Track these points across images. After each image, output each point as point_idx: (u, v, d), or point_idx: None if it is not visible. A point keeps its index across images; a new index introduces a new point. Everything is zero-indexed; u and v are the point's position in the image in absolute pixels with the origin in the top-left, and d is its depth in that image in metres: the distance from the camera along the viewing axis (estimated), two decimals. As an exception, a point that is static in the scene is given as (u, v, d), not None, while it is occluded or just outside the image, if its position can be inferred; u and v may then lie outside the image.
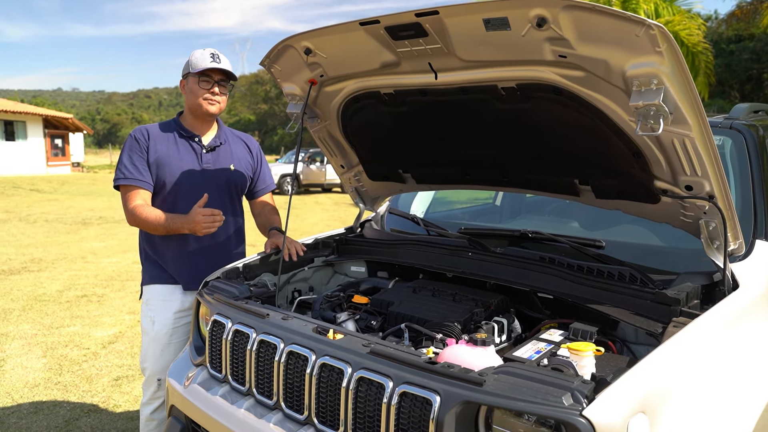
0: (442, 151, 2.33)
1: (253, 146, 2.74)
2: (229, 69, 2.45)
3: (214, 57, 2.43)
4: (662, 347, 1.40)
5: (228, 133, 2.66)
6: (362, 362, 1.51)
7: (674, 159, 1.69)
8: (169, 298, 2.47)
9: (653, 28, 1.38)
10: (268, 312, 1.84)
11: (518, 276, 2.05)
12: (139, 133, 2.47)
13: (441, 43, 1.77)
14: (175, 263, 2.47)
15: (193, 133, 2.52)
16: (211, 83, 2.44)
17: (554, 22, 1.50)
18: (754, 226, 2.01)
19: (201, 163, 2.50)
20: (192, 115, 2.51)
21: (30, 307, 5.59)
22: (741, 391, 1.52)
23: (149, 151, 2.43)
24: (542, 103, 1.80)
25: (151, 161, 2.42)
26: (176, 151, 2.47)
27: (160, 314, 2.44)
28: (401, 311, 1.99)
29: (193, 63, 2.42)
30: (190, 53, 2.47)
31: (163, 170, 2.43)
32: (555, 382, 1.28)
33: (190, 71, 2.43)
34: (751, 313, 1.73)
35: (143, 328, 2.49)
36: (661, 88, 1.46)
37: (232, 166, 2.58)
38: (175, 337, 2.46)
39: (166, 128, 2.52)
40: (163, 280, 2.48)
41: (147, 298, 2.50)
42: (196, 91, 2.43)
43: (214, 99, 2.45)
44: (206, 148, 2.53)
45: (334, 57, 2.05)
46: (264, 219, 2.71)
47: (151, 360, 2.45)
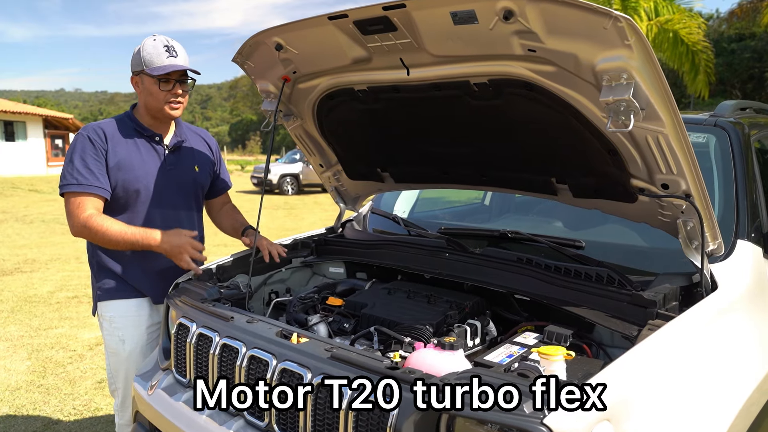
0: (419, 149, 2.28)
1: (212, 142, 2.56)
2: (187, 65, 2.21)
3: (169, 50, 2.17)
4: (631, 351, 1.35)
5: (186, 129, 2.45)
6: (323, 367, 1.46)
7: (649, 157, 1.64)
8: (138, 314, 2.26)
9: (621, 20, 1.32)
10: (233, 315, 1.79)
11: (495, 277, 2.00)
12: (94, 133, 2.19)
13: (411, 38, 1.72)
14: (143, 278, 2.26)
15: (153, 132, 2.29)
16: (171, 84, 2.19)
17: (521, 14, 1.45)
18: (736, 226, 1.96)
19: (165, 165, 2.29)
20: (150, 116, 2.28)
21: (19, 309, 5.56)
22: (715, 396, 1.46)
23: (108, 154, 2.18)
24: (515, 99, 1.75)
25: (111, 165, 2.18)
26: (138, 153, 2.24)
27: (131, 331, 2.24)
28: (374, 313, 1.94)
29: (147, 59, 2.15)
30: (141, 44, 2.19)
31: (125, 175, 2.20)
32: (518, 388, 1.22)
33: (144, 69, 2.16)
34: (730, 315, 1.67)
35: (110, 349, 2.26)
36: (632, 83, 1.41)
37: (197, 167, 2.40)
38: (148, 352, 2.26)
39: (122, 126, 2.26)
40: (127, 295, 2.25)
41: (110, 315, 2.25)
42: (156, 95, 2.19)
43: (177, 102, 2.24)
44: (168, 148, 2.33)
45: (306, 53, 2.00)
46: (230, 219, 2.57)
47: (123, 381, 2.26)
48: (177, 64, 2.18)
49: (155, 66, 2.16)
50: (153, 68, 2.15)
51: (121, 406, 2.32)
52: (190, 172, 2.39)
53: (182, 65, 2.20)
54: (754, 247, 1.95)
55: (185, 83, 2.26)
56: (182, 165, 2.36)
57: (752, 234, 1.98)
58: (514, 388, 1.21)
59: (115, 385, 2.32)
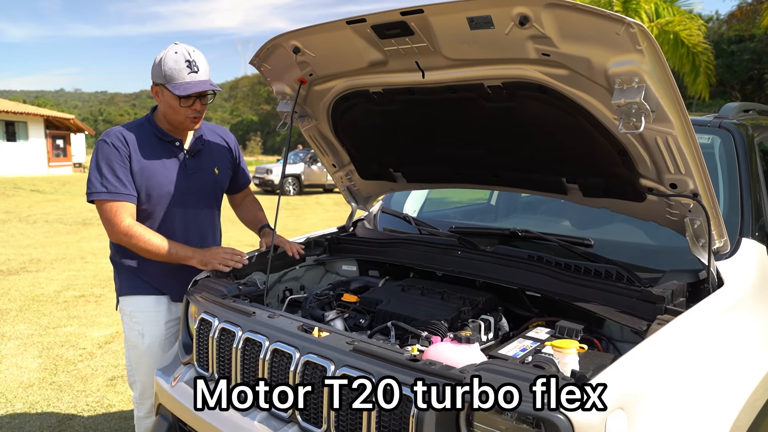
0: (432, 150, 2.33)
1: (231, 141, 2.59)
2: (208, 81, 2.22)
3: (191, 65, 2.15)
4: (643, 344, 1.40)
5: (205, 129, 2.47)
6: (345, 359, 1.52)
7: (658, 157, 1.69)
8: (158, 309, 2.34)
9: (633, 26, 1.38)
10: (254, 310, 1.84)
11: (507, 274, 2.05)
12: (116, 140, 2.22)
13: (427, 42, 1.77)
14: (161, 277, 2.33)
15: (174, 137, 2.33)
16: (192, 101, 2.22)
17: (536, 20, 1.51)
18: (741, 225, 2.01)
19: (186, 170, 2.34)
20: (170, 125, 2.31)
21: (27, 308, 5.61)
22: (721, 389, 1.51)
23: (131, 159, 2.22)
24: (528, 101, 1.81)
25: (135, 170, 2.22)
26: (159, 160, 2.28)
27: (150, 327, 2.32)
28: (389, 309, 2.00)
29: (168, 74, 2.15)
30: (163, 54, 2.18)
31: (147, 181, 2.24)
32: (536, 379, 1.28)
33: (166, 85, 2.17)
34: (735, 311, 1.73)
35: (130, 342, 2.35)
36: (643, 86, 1.47)
37: (217, 170, 2.46)
38: (167, 347, 2.34)
39: (142, 132, 2.29)
40: (147, 291, 2.33)
41: (130, 310, 2.34)
42: (176, 109, 2.21)
43: (197, 117, 2.28)
44: (188, 153, 2.37)
45: (323, 56, 2.06)
46: (249, 214, 2.66)
47: (143, 374, 2.34)
48: (199, 82, 2.18)
49: (176, 83, 2.15)
50: (174, 85, 2.15)
51: (140, 398, 2.40)
52: (210, 174, 2.45)
53: (203, 84, 2.19)
54: (758, 245, 2.01)
55: (205, 97, 2.29)
56: (202, 168, 2.41)
57: (756, 233, 2.03)
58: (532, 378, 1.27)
59: (134, 377, 2.40)
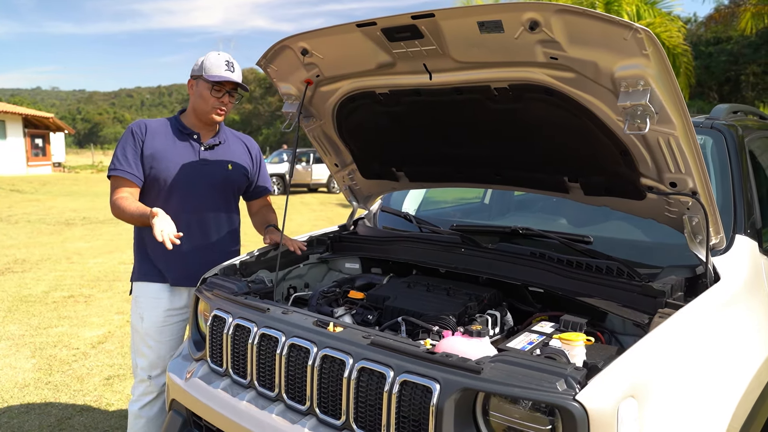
0: (436, 150, 2.39)
1: (253, 148, 2.76)
2: (240, 80, 2.49)
3: (228, 65, 2.45)
4: (649, 336, 1.47)
5: (228, 133, 2.68)
6: (363, 353, 1.56)
7: (659, 157, 1.77)
8: (159, 297, 2.48)
9: (640, 32, 1.45)
10: (269, 307, 1.88)
11: (510, 271, 2.12)
12: (137, 126, 2.47)
13: (436, 45, 1.82)
14: (167, 260, 2.46)
15: (193, 131, 2.53)
16: (222, 92, 2.47)
17: (546, 25, 1.57)
18: (734, 222, 2.10)
19: (198, 161, 2.50)
20: (196, 117, 2.53)
21: (16, 308, 5.55)
22: (722, 376, 1.60)
23: (144, 144, 2.43)
24: (534, 103, 1.87)
25: (146, 154, 2.42)
26: (173, 147, 2.47)
27: (149, 312, 2.46)
28: (397, 305, 2.05)
29: (207, 67, 2.43)
30: (206, 55, 2.49)
31: (158, 164, 2.42)
32: (549, 369, 1.34)
33: (203, 75, 2.43)
34: (731, 304, 1.81)
35: (132, 325, 2.51)
36: (648, 89, 1.54)
37: (230, 166, 2.58)
38: (164, 335, 2.47)
39: (165, 124, 2.53)
40: (153, 278, 2.49)
41: (136, 294, 2.52)
42: (207, 98, 2.45)
43: (223, 109, 2.50)
44: (205, 145, 2.54)
45: (331, 58, 2.10)
46: (261, 217, 2.73)
47: (142, 356, 2.47)
48: (232, 78, 2.46)
49: (213, 74, 2.43)
50: (210, 75, 2.42)
51: (137, 382, 2.49)
52: (223, 170, 2.54)
53: (236, 79, 2.47)
54: (751, 241, 2.10)
55: (233, 95, 2.53)
56: (215, 162, 2.54)
57: (748, 230, 2.12)
58: (546, 368, 1.33)
59: (135, 360, 2.50)
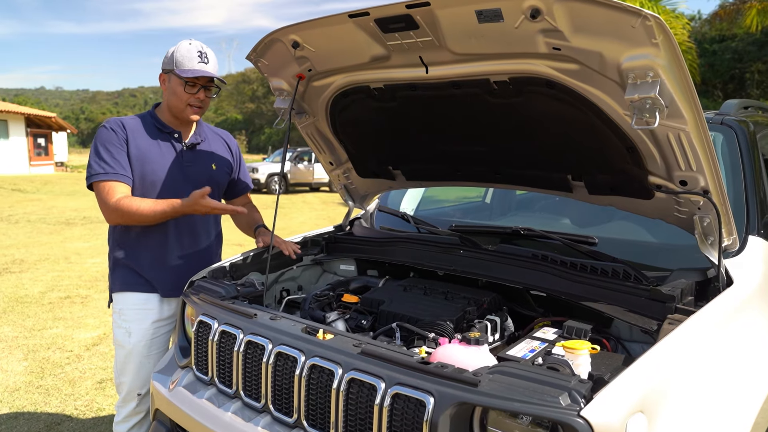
0: (433, 147, 2.29)
1: (233, 144, 2.62)
2: (216, 73, 2.30)
3: (201, 56, 2.26)
4: (659, 345, 1.37)
5: (207, 130, 2.52)
6: (353, 363, 1.47)
7: (669, 154, 1.67)
8: (146, 307, 2.30)
9: (650, 19, 1.35)
10: (256, 312, 1.79)
11: (511, 273, 2.02)
12: (115, 125, 2.27)
13: (432, 36, 1.73)
14: (154, 269, 2.31)
15: (173, 129, 2.36)
16: (197, 88, 2.28)
17: (548, 13, 1.47)
18: (746, 222, 2.00)
19: (182, 161, 2.35)
20: (171, 114, 2.35)
21: (11, 309, 5.47)
22: (739, 388, 1.49)
23: (129, 144, 2.25)
24: (535, 97, 1.77)
25: (132, 155, 2.25)
26: (157, 148, 2.31)
27: (137, 325, 2.28)
28: (392, 310, 1.95)
29: (178, 60, 2.24)
30: (176, 45, 2.29)
31: (144, 166, 2.26)
32: (551, 381, 1.24)
33: (174, 69, 2.25)
34: (746, 309, 1.71)
35: (117, 341, 2.31)
36: (657, 81, 1.44)
37: (214, 166, 2.45)
38: (154, 348, 2.31)
39: (143, 122, 2.34)
40: (138, 288, 2.31)
41: (120, 307, 2.31)
42: (180, 95, 2.27)
43: (200, 106, 2.32)
44: (186, 144, 2.38)
45: (323, 51, 2.00)
46: (246, 217, 2.56)
47: (130, 375, 2.29)
48: (205, 71, 2.26)
49: (185, 68, 2.24)
50: (182, 70, 2.24)
51: (123, 401, 2.34)
52: (207, 169, 2.43)
53: (210, 72, 2.27)
54: (764, 242, 1.99)
55: (210, 90, 2.34)
56: (199, 162, 2.41)
57: (762, 230, 2.02)
58: (548, 380, 1.23)
59: (122, 378, 2.33)
